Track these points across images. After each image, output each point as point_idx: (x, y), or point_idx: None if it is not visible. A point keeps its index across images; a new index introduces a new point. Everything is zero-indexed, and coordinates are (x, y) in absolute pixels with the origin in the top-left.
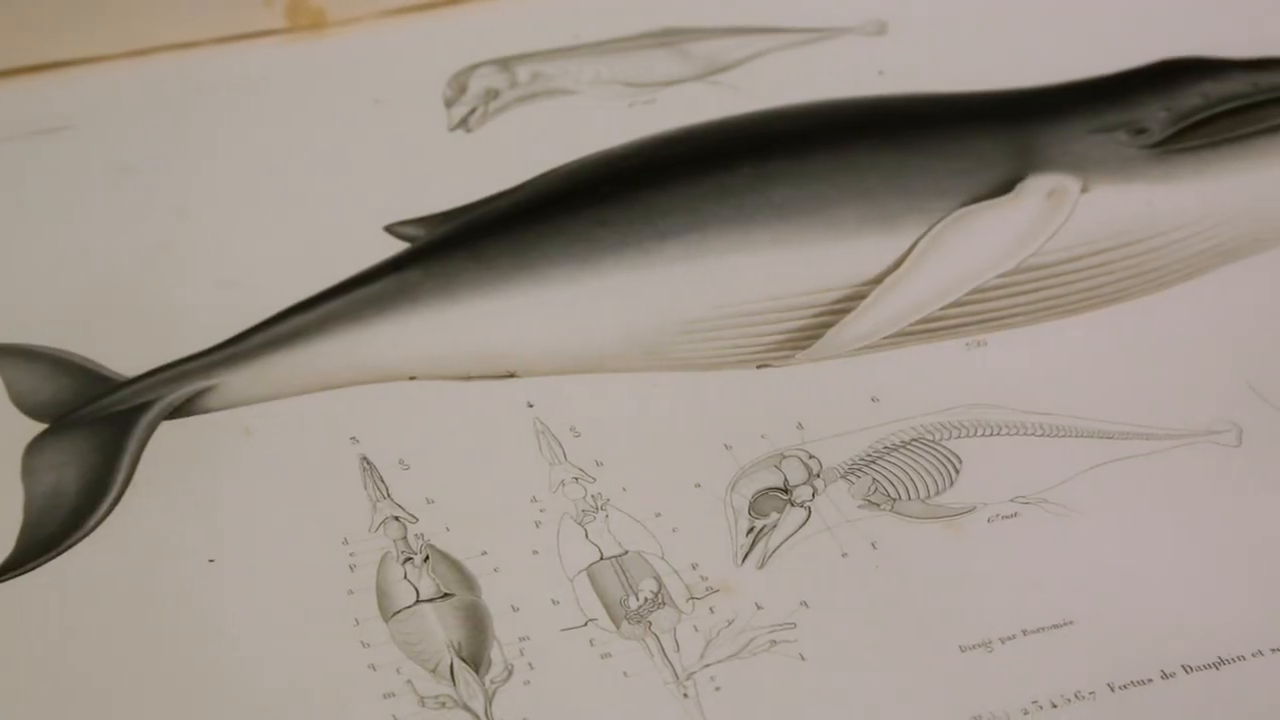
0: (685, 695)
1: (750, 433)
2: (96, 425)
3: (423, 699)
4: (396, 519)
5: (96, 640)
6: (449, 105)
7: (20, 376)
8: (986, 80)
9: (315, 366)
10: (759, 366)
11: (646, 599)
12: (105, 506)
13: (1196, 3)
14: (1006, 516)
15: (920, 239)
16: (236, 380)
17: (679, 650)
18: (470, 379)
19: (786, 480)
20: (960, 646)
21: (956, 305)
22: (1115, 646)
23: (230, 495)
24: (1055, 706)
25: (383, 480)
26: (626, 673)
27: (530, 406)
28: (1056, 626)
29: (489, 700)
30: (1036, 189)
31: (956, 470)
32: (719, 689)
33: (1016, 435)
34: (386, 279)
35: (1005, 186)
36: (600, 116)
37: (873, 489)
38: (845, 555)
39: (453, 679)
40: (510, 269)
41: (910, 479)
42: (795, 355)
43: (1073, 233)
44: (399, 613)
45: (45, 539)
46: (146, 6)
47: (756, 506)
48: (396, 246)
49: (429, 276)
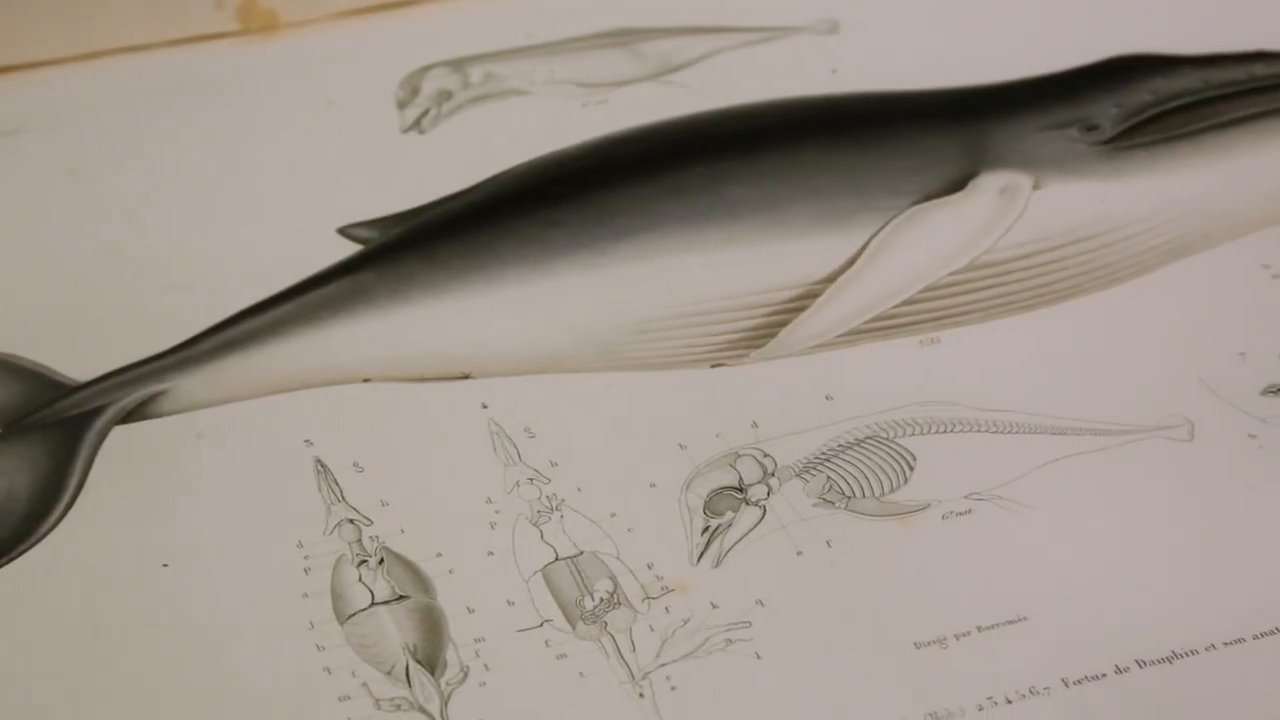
0: (641, 695)
1: (705, 432)
2: (48, 431)
3: (378, 701)
4: (351, 521)
5: (50, 646)
6: (402, 107)
7: None
8: (938, 78)
9: (269, 369)
10: (713, 366)
11: (602, 599)
12: (58, 512)
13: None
14: (960, 513)
15: (873, 237)
16: (189, 384)
17: (635, 650)
18: (425, 380)
19: (741, 479)
20: (915, 643)
21: (910, 303)
22: (1069, 642)
23: (184, 500)
24: (1010, 702)
25: (337, 483)
26: (582, 673)
27: (485, 408)
28: (1011, 622)
29: (445, 702)
30: (988, 186)
31: (910, 468)
32: (675, 688)
33: (970, 432)
34: (340, 281)
35: (957, 184)
36: (553, 117)
37: (827, 487)
38: (800, 553)
39: (408, 681)
40: (464, 270)
41: (865, 477)
42: (749, 354)
43: (1025, 230)
44: (354, 615)
45: None
46: (97, 10)
47: (712, 506)
48: (350, 248)
49: (382, 279)
